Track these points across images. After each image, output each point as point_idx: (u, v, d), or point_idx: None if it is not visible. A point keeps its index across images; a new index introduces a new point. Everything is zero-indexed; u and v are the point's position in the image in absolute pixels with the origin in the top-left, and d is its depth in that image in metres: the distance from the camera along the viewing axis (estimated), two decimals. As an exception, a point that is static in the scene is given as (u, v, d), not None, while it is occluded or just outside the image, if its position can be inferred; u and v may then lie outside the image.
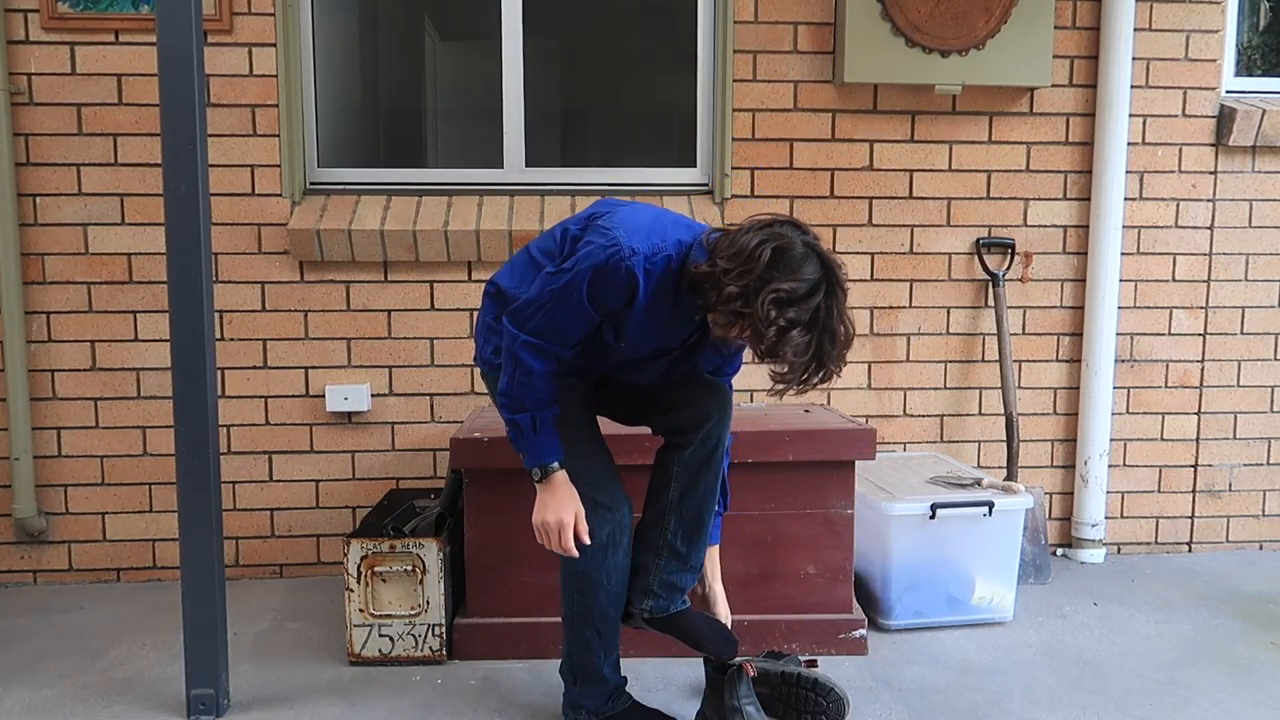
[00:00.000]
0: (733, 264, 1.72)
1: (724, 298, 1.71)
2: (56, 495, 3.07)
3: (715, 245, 1.79)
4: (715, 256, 1.77)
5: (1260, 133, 3.17)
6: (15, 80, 2.93)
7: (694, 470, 2.04)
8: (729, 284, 1.71)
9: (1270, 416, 3.34)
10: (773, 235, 1.73)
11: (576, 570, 2.02)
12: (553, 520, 1.93)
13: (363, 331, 3.09)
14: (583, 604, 2.04)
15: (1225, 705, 2.28)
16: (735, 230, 1.78)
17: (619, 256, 1.79)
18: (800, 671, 2.18)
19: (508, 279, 2.06)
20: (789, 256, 1.71)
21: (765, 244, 1.72)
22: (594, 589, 2.02)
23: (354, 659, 2.49)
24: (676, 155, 3.31)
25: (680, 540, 2.06)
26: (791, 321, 1.69)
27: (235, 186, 3.02)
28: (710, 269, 1.75)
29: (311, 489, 3.13)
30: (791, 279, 1.70)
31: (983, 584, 2.71)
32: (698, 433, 2.02)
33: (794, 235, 1.75)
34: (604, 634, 2.06)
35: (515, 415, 1.93)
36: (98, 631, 2.72)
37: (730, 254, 1.73)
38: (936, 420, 3.26)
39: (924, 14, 2.99)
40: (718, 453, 2.04)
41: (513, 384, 1.90)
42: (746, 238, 1.73)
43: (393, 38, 3.82)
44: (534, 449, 1.95)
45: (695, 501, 2.05)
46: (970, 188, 3.19)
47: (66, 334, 3.03)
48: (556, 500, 1.94)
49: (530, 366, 1.88)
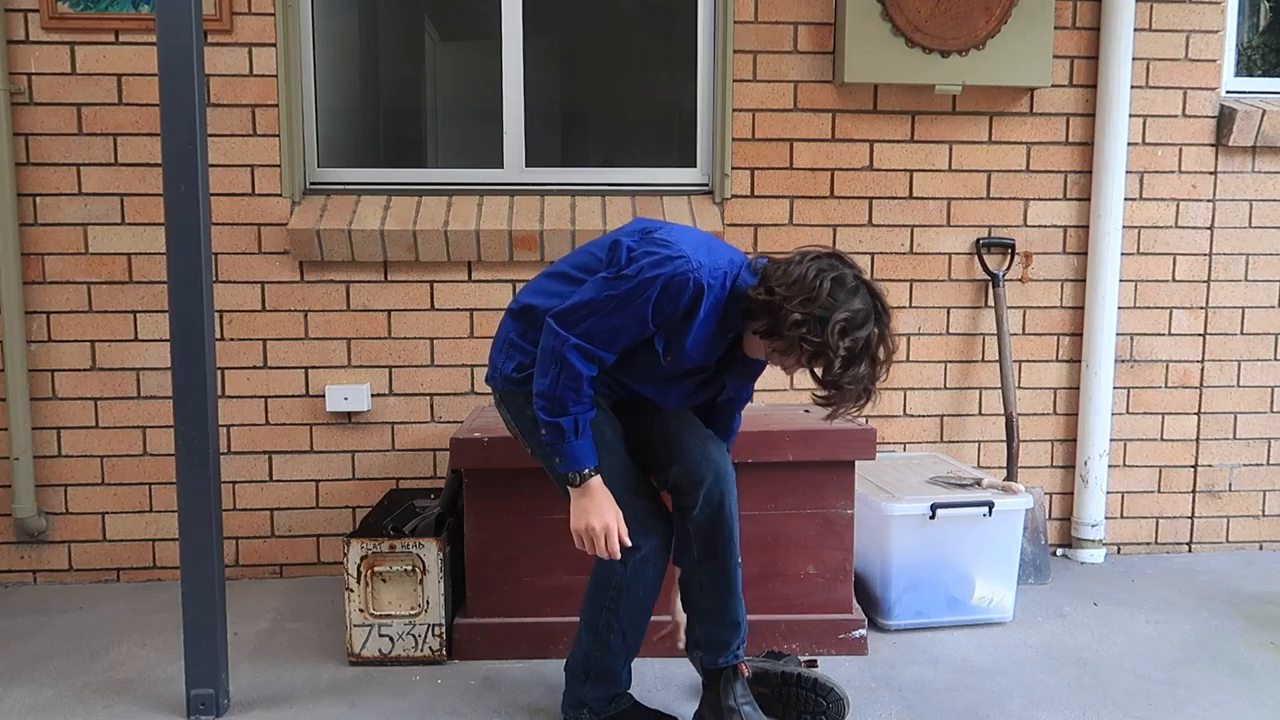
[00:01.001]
0: (793, 292, 1.78)
1: (788, 324, 1.78)
2: (56, 495, 3.07)
3: (766, 272, 1.85)
4: (769, 284, 1.82)
5: (1260, 133, 3.17)
6: (15, 80, 2.93)
7: (707, 530, 2.04)
8: (793, 311, 1.77)
9: (1270, 416, 3.34)
10: (829, 266, 1.81)
11: (613, 580, 2.03)
12: (597, 525, 1.92)
13: (363, 331, 3.09)
14: (614, 611, 2.05)
15: (1225, 705, 2.28)
16: (785, 260, 1.85)
17: (688, 269, 1.83)
18: (800, 672, 2.18)
19: (541, 298, 2.02)
20: (846, 287, 1.80)
21: (824, 274, 1.79)
22: (628, 598, 2.04)
23: (354, 659, 2.49)
24: (676, 155, 3.31)
25: (711, 600, 2.08)
26: (852, 350, 1.78)
27: (235, 186, 3.02)
28: (770, 296, 1.81)
29: (311, 489, 3.13)
30: (849, 309, 1.78)
31: (983, 584, 2.71)
32: (697, 493, 2.01)
33: (843, 267, 1.84)
34: (630, 639, 2.08)
35: (557, 418, 1.90)
36: (98, 631, 2.72)
37: (788, 282, 1.79)
38: (936, 420, 3.26)
39: (924, 14, 2.99)
40: (724, 509, 2.03)
41: (556, 385, 1.89)
42: (802, 268, 1.80)
43: (393, 38, 3.82)
44: (574, 453, 1.92)
45: (717, 560, 2.06)
46: (970, 188, 3.19)
47: (66, 334, 3.03)
48: (597, 505, 1.93)
49: (577, 369, 1.87)
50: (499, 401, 2.13)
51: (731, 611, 2.09)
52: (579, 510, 1.94)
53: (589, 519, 1.93)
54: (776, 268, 1.84)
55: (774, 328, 1.82)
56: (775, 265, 1.86)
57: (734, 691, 2.07)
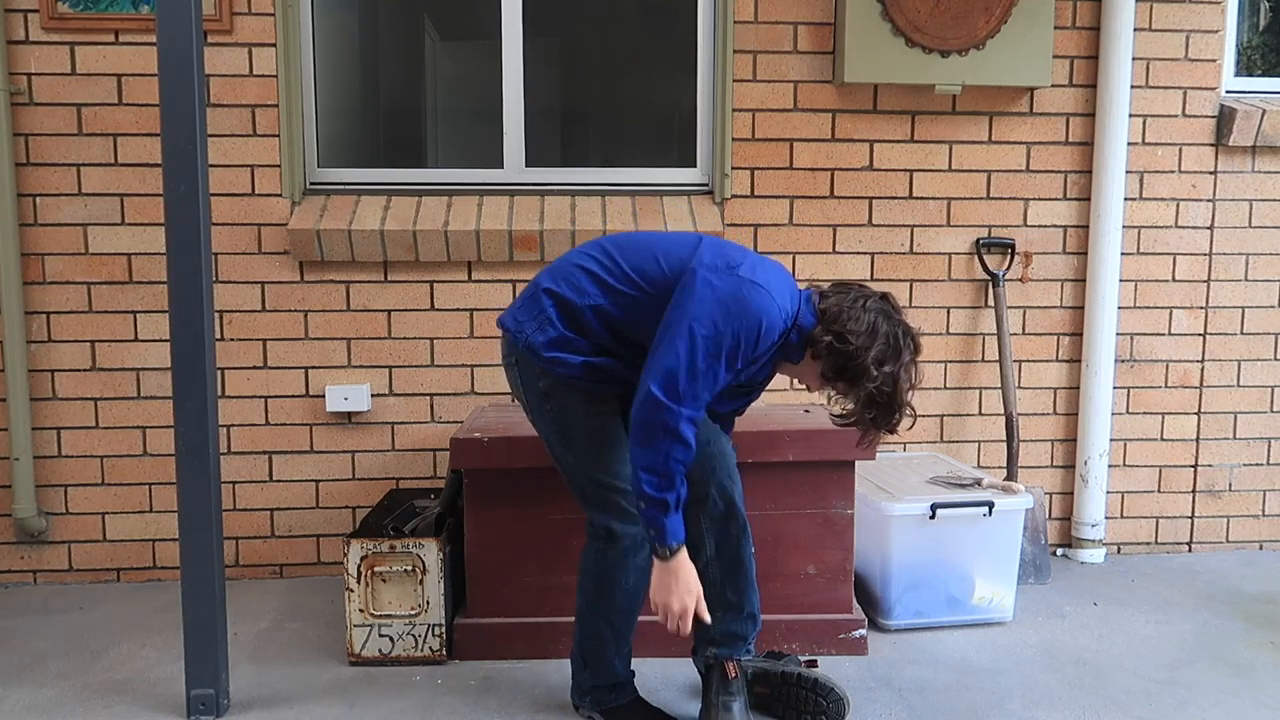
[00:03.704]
0: (865, 343, 1.87)
1: (866, 377, 1.87)
2: (56, 495, 3.07)
3: (830, 314, 1.92)
4: (839, 329, 1.89)
5: (1260, 133, 3.17)
6: (15, 80, 2.93)
7: (721, 522, 2.12)
8: (870, 366, 1.86)
9: (1270, 416, 3.34)
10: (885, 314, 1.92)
11: (597, 569, 2.08)
12: (676, 606, 1.92)
13: (363, 331, 3.09)
14: (599, 600, 2.10)
15: (1225, 705, 2.28)
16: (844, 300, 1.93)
17: (781, 316, 1.91)
18: (800, 671, 2.18)
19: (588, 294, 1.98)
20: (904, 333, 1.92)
21: (892, 327, 1.91)
22: (613, 587, 2.08)
23: (354, 659, 2.49)
24: (676, 155, 3.31)
25: (730, 590, 2.15)
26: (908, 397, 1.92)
27: (235, 186, 3.02)
28: (843, 345, 1.88)
29: (311, 489, 3.13)
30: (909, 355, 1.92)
31: (983, 584, 2.71)
32: (709, 485, 2.10)
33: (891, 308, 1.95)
34: (618, 628, 2.12)
35: (664, 494, 1.85)
36: (98, 631, 2.72)
37: (860, 332, 1.88)
38: (936, 420, 3.26)
39: (924, 14, 2.99)
40: (736, 500, 2.13)
41: (669, 461, 1.84)
42: (869, 317, 1.89)
43: (393, 38, 3.82)
44: (673, 527, 1.90)
45: (730, 550, 2.14)
46: (970, 188, 3.19)
47: (66, 334, 3.03)
48: (680, 583, 1.92)
49: (690, 441, 1.85)
50: (512, 363, 2.08)
51: (750, 603, 2.17)
52: (663, 585, 1.93)
53: (670, 598, 1.92)
54: (841, 311, 1.91)
55: (844, 375, 1.90)
56: (839, 309, 1.91)
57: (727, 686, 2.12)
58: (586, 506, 2.09)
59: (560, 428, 2.05)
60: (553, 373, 2.00)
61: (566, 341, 1.99)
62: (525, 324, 2.02)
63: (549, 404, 2.03)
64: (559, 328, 1.99)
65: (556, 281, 2.02)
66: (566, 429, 2.04)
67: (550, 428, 2.06)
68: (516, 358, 2.06)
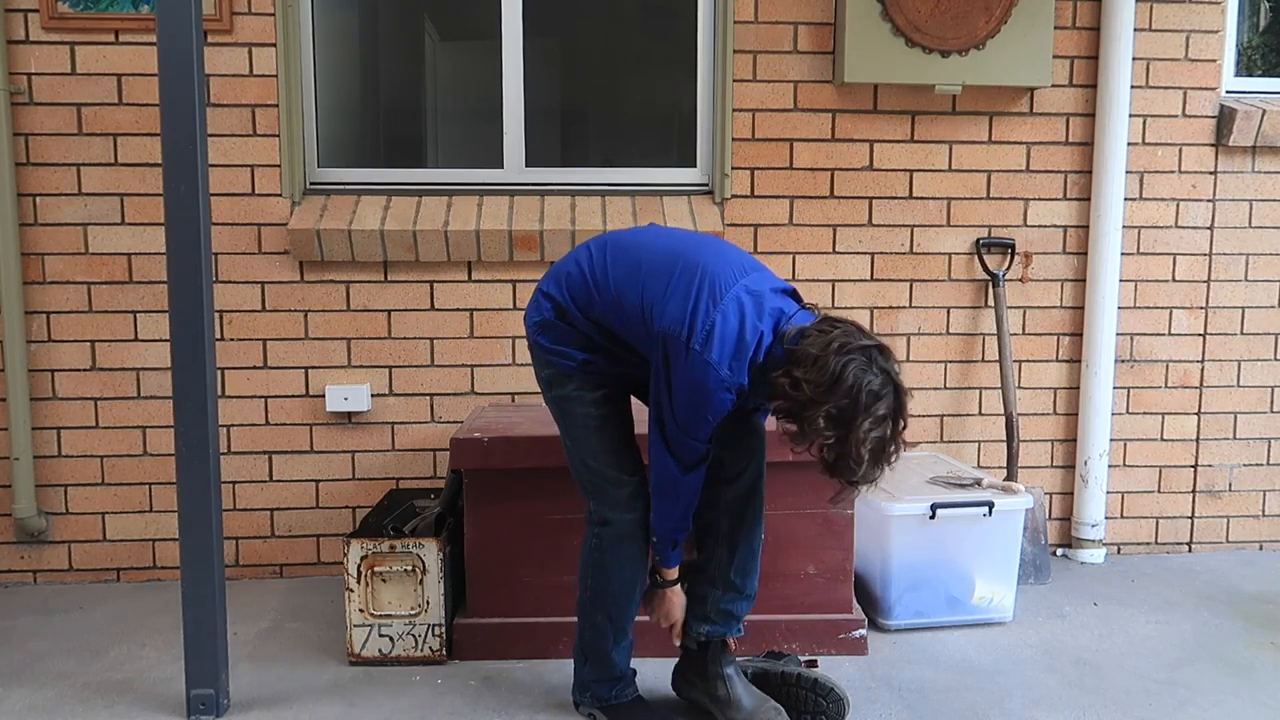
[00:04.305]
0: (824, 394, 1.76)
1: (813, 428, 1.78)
2: (56, 495, 3.07)
3: (796, 356, 1.81)
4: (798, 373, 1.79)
5: (1260, 133, 3.17)
6: (15, 80, 2.93)
7: (740, 504, 2.15)
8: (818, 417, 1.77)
9: (1270, 416, 3.34)
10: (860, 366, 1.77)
11: (595, 558, 2.13)
12: (664, 624, 2.19)
13: (363, 331, 3.09)
14: (596, 589, 2.14)
15: (1225, 705, 2.28)
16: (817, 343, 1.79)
17: (726, 390, 1.87)
18: (800, 672, 2.19)
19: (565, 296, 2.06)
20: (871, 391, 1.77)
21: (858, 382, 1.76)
22: (608, 577, 2.12)
23: (354, 659, 2.49)
24: (676, 155, 3.31)
25: (735, 572, 2.17)
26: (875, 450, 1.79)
27: (235, 186, 3.02)
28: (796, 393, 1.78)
29: (311, 489, 3.13)
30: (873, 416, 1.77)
31: (983, 584, 2.71)
32: (744, 474, 2.13)
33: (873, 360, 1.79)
34: (615, 619, 2.14)
35: (679, 534, 2.08)
36: (98, 631, 2.72)
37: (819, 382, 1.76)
38: (936, 420, 3.26)
39: (924, 14, 2.99)
40: (759, 485, 2.16)
41: (687, 511, 2.05)
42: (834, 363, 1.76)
43: (393, 38, 3.82)
44: (673, 561, 2.12)
45: (744, 533, 2.16)
46: (970, 188, 3.19)
47: (66, 334, 3.03)
48: (667, 606, 2.16)
49: (699, 487, 2.03)
50: (529, 347, 2.17)
51: (750, 584, 2.20)
52: (650, 607, 2.18)
53: (658, 617, 2.18)
54: (805, 356, 1.79)
55: (795, 423, 1.82)
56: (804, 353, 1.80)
57: (722, 659, 2.17)
58: (583, 492, 2.15)
59: (562, 414, 2.12)
60: (555, 364, 2.08)
61: (565, 340, 2.06)
62: (532, 318, 2.12)
63: (552, 391, 2.12)
64: (557, 329, 2.07)
65: (552, 284, 2.10)
66: (567, 416, 2.11)
67: (555, 414, 2.14)
68: (529, 345, 2.16)
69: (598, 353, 2.05)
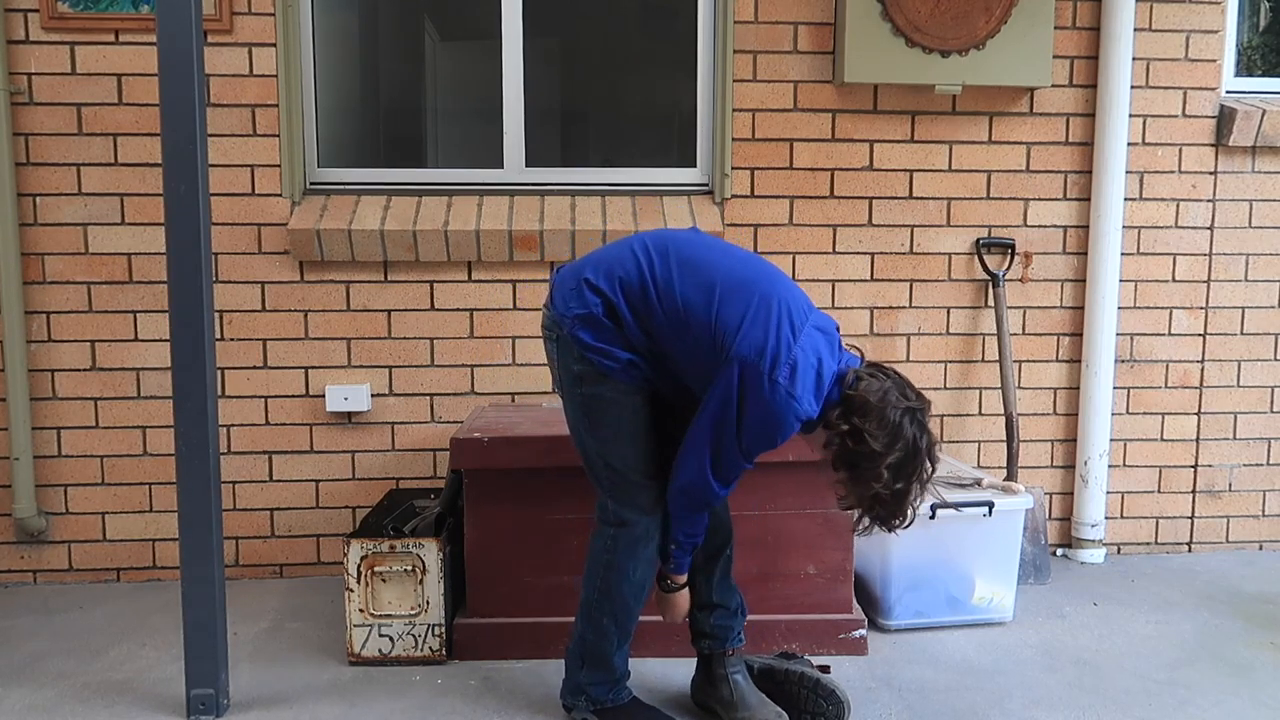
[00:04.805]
0: (885, 446, 1.83)
1: (877, 476, 1.84)
2: (56, 495, 3.07)
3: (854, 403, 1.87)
4: (860, 423, 1.84)
5: (1260, 133, 3.17)
6: (15, 80, 2.93)
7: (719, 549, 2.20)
8: (882, 468, 1.83)
9: (1270, 416, 3.34)
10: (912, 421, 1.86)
11: (608, 558, 2.10)
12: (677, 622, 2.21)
13: (363, 331, 3.09)
14: (605, 591, 2.10)
15: (1225, 705, 2.28)
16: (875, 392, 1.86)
17: (806, 417, 1.90)
18: (804, 671, 2.19)
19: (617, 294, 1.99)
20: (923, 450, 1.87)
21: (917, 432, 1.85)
22: (619, 578, 2.09)
23: (354, 659, 2.49)
24: (676, 155, 3.31)
25: (716, 594, 2.21)
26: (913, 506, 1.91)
27: (235, 186, 3.02)
28: (859, 445, 1.84)
29: (311, 489, 3.13)
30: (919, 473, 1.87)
31: (983, 584, 2.71)
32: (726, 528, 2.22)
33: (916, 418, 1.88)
34: (621, 622, 2.12)
35: (694, 539, 2.09)
36: (98, 631, 2.72)
37: (881, 434, 1.83)
38: (936, 420, 3.26)
39: (924, 14, 2.99)
40: (724, 513, 2.22)
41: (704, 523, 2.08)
42: (892, 415, 1.84)
43: (393, 38, 3.82)
44: (684, 568, 2.13)
45: (718, 561, 2.21)
46: (970, 188, 3.19)
47: (66, 334, 3.03)
48: (675, 608, 2.18)
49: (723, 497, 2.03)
50: (553, 338, 2.07)
51: (734, 599, 2.23)
52: (664, 608, 2.18)
53: (671, 617, 2.19)
54: (866, 405, 1.85)
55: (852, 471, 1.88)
56: (864, 402, 1.85)
57: (727, 662, 2.20)
58: (601, 492, 2.10)
59: (589, 412, 2.05)
60: (593, 361, 2.00)
61: (610, 339, 1.99)
62: (573, 310, 2.01)
63: (581, 388, 2.03)
64: (603, 327, 1.98)
65: (602, 279, 2.00)
66: (595, 414, 2.04)
67: (579, 410, 2.06)
68: (558, 336, 2.05)
69: (641, 356, 2.00)
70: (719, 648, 2.20)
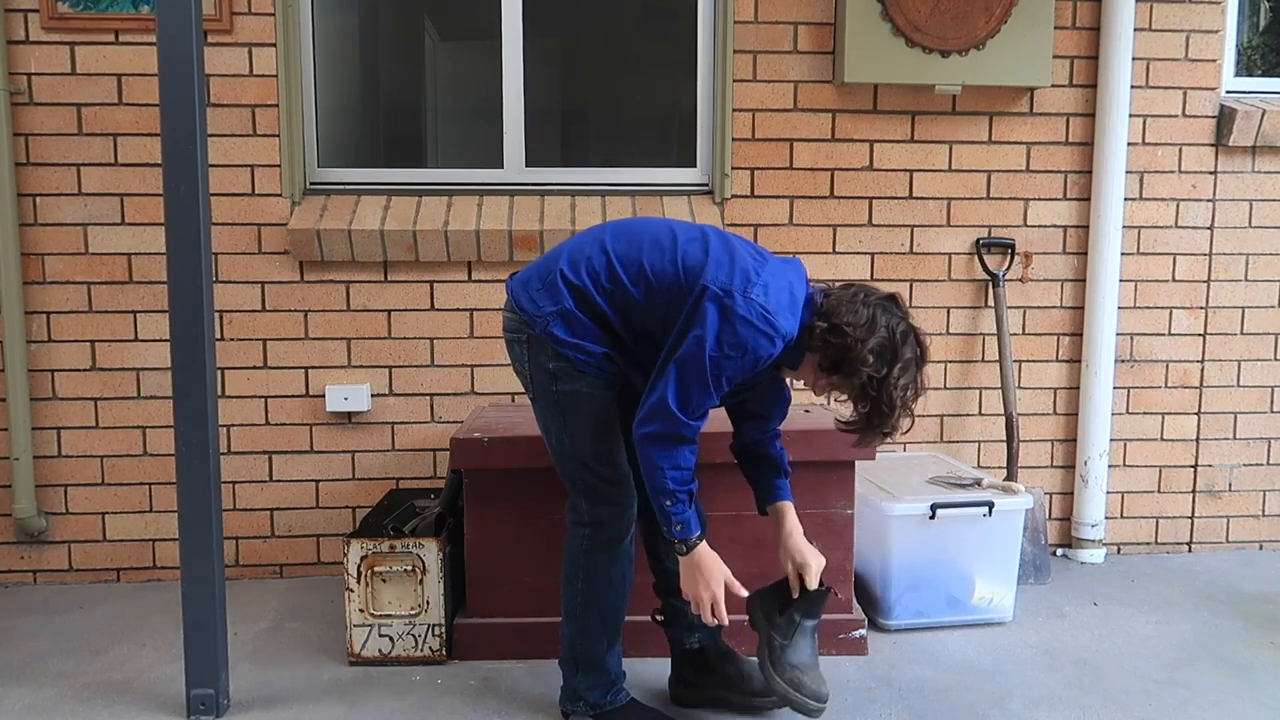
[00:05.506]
0: (864, 333, 1.87)
1: (860, 374, 1.87)
2: (56, 495, 3.07)
3: (829, 309, 1.92)
4: (835, 319, 1.89)
5: (1260, 133, 3.17)
6: (15, 80, 2.93)
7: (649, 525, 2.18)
8: (865, 353, 1.86)
9: (1270, 416, 3.34)
10: (886, 310, 1.91)
11: (586, 561, 2.09)
12: (706, 595, 2.00)
13: (363, 331, 3.09)
14: (587, 592, 2.10)
15: (1225, 705, 2.28)
16: (844, 295, 1.93)
17: (783, 341, 1.92)
18: None
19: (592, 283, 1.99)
20: (902, 331, 1.90)
21: (890, 323, 1.89)
22: (599, 578, 2.08)
23: (354, 659, 2.49)
24: (676, 155, 3.31)
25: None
26: (905, 396, 1.91)
27: (235, 186, 3.02)
28: (838, 338, 1.88)
29: (311, 489, 3.13)
30: (903, 360, 1.89)
31: (983, 584, 2.71)
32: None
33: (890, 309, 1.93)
34: (608, 620, 2.11)
35: (687, 485, 1.97)
36: (98, 631, 2.72)
37: (857, 324, 1.87)
38: (936, 420, 3.26)
39: (924, 14, 2.99)
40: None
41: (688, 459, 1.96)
42: (865, 310, 1.90)
43: (393, 38, 3.82)
44: (695, 519, 2.00)
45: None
46: (970, 188, 3.19)
47: (66, 334, 3.03)
48: (705, 572, 2.00)
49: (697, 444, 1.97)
50: (522, 340, 2.05)
51: None
52: (689, 578, 2.01)
53: (698, 589, 2.00)
54: (839, 304, 1.91)
55: (840, 368, 1.90)
56: (837, 302, 1.92)
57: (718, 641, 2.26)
58: (574, 492, 2.09)
59: (565, 409, 2.04)
60: (569, 357, 2.00)
61: (584, 333, 1.99)
62: (545, 308, 2.00)
63: (556, 384, 2.02)
64: (576, 320, 1.98)
65: (575, 269, 2.00)
66: (571, 411, 2.04)
67: (552, 409, 2.05)
68: (528, 336, 2.04)
69: (613, 348, 2.01)
70: (708, 640, 2.20)
